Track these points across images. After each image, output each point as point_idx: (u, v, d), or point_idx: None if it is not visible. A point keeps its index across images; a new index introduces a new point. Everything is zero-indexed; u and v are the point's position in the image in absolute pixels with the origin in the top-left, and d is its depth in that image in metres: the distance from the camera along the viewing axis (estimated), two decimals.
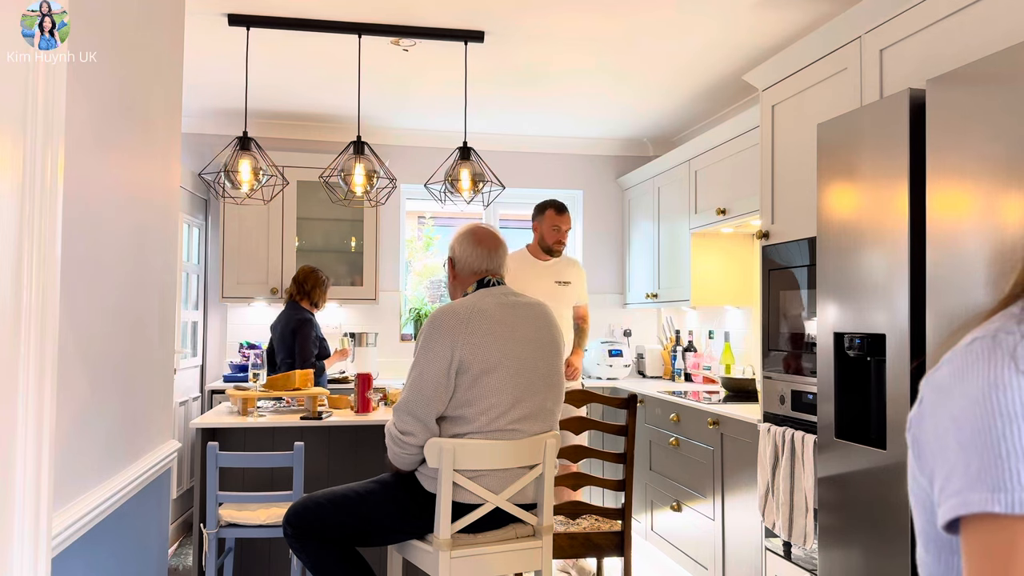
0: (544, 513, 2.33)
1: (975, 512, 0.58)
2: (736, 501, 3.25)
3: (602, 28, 3.41)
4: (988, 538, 0.57)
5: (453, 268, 2.47)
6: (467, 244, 2.43)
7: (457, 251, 2.45)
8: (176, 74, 2.34)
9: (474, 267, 2.42)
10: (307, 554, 2.30)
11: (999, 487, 0.57)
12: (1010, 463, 0.57)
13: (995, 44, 1.97)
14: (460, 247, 2.44)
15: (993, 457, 0.57)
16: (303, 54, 3.79)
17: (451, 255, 2.48)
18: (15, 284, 1.20)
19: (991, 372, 0.59)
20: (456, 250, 2.46)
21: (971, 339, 0.63)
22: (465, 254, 2.43)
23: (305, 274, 4.28)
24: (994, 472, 0.57)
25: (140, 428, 1.99)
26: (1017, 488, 0.56)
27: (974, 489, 0.58)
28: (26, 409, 1.21)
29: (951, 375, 0.62)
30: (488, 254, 2.42)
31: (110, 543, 1.73)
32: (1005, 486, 0.57)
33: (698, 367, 4.67)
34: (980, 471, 0.58)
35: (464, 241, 2.45)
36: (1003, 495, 0.57)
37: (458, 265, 2.45)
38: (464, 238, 2.45)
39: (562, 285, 3.89)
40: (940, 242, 1.96)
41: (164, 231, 2.21)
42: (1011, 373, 0.58)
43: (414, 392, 2.22)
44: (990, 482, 0.57)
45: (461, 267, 2.44)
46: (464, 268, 2.43)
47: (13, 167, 1.19)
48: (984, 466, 0.58)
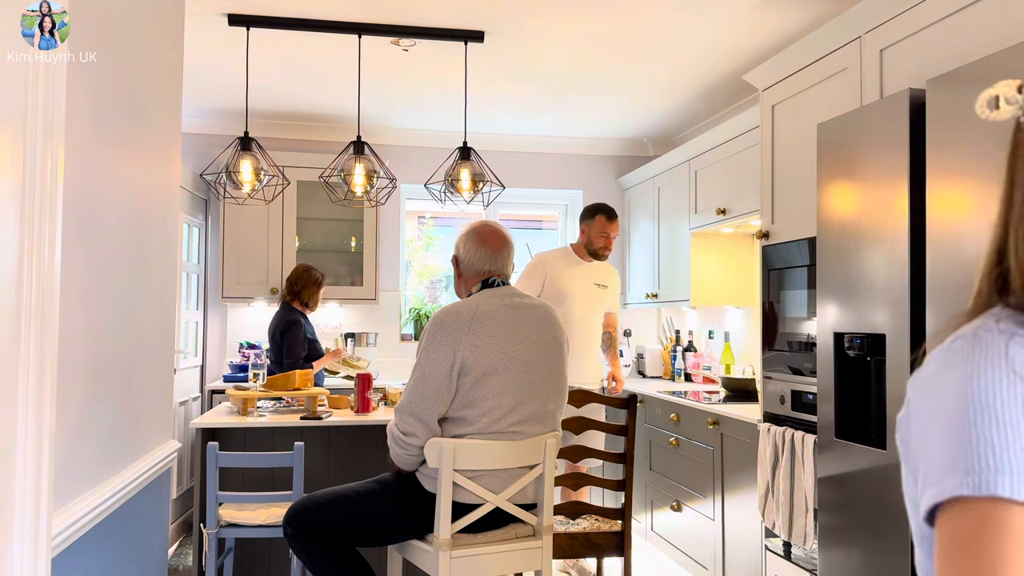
0: (544, 513, 2.33)
1: (948, 497, 0.59)
2: (736, 501, 3.25)
3: (602, 28, 3.41)
4: (957, 522, 0.58)
5: (458, 267, 2.46)
6: (471, 244, 2.42)
7: (462, 250, 2.44)
8: (176, 74, 2.34)
9: (478, 267, 2.41)
10: (307, 554, 2.30)
11: (969, 471, 0.58)
12: (979, 448, 0.58)
13: (995, 44, 1.97)
14: (465, 246, 2.43)
15: (965, 444, 0.59)
16: (303, 54, 3.79)
17: (456, 254, 2.46)
18: (15, 284, 1.20)
19: (969, 366, 0.61)
20: (461, 249, 2.44)
21: (953, 338, 0.65)
22: (469, 254, 2.41)
23: (297, 274, 4.27)
24: (965, 457, 0.59)
25: (140, 428, 1.99)
26: (984, 470, 0.57)
27: (948, 475, 0.60)
28: (26, 409, 1.21)
29: (934, 373, 0.64)
30: (492, 254, 2.41)
31: (110, 543, 1.73)
32: (974, 468, 0.58)
33: (698, 367, 4.67)
34: (954, 458, 0.59)
35: (469, 240, 2.43)
36: (971, 477, 0.58)
37: (462, 265, 2.44)
38: (469, 237, 2.44)
39: (600, 288, 3.93)
40: (940, 242, 1.96)
41: (164, 231, 2.21)
42: (987, 367, 0.60)
43: (416, 393, 2.22)
44: (962, 467, 0.59)
45: (466, 267, 2.43)
46: (468, 268, 2.42)
47: (13, 167, 1.19)
48: (957, 453, 0.59)
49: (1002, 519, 0.57)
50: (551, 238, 5.82)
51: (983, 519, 0.57)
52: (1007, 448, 0.58)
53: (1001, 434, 0.58)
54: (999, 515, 0.57)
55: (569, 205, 5.69)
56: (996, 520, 0.57)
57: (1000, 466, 0.57)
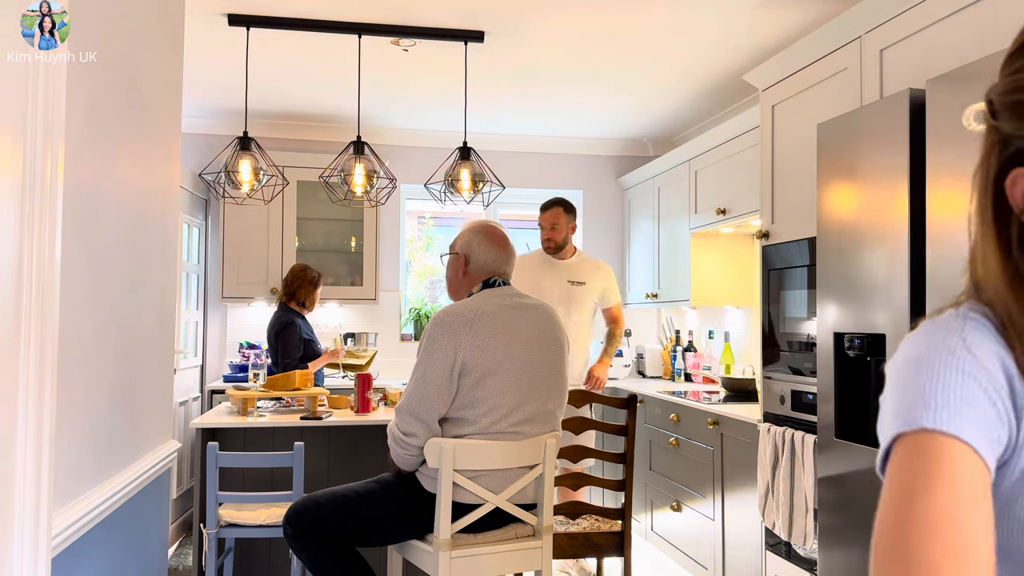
0: (544, 513, 2.33)
1: (889, 440, 0.66)
2: (736, 501, 3.25)
3: (602, 28, 3.41)
4: (897, 456, 0.64)
5: (466, 265, 2.42)
6: (484, 243, 2.41)
7: (474, 249, 2.41)
8: (176, 74, 2.34)
9: (490, 267, 2.40)
10: (307, 554, 2.30)
11: (905, 413, 0.65)
12: (916, 397, 0.65)
13: (995, 44, 1.97)
14: (478, 246, 2.41)
15: (912, 395, 0.66)
16: (303, 54, 3.79)
17: (465, 252, 2.42)
18: (15, 284, 1.20)
19: (929, 339, 0.69)
20: (473, 247, 2.41)
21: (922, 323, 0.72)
22: (483, 253, 2.40)
23: (293, 274, 4.26)
24: (905, 406, 0.66)
25: (140, 428, 1.99)
26: (914, 408, 0.65)
27: (892, 425, 0.66)
28: (26, 409, 1.21)
29: (901, 351, 0.71)
30: (503, 255, 2.42)
31: (110, 543, 1.73)
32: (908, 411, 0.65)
33: (698, 367, 4.67)
34: (896, 409, 0.66)
35: (480, 240, 2.41)
36: (904, 416, 0.65)
37: (472, 263, 2.41)
38: (479, 236, 2.42)
39: (576, 285, 3.83)
40: (940, 242, 1.96)
41: (164, 231, 2.21)
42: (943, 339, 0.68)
43: (417, 393, 2.21)
44: (902, 415, 0.66)
45: (476, 266, 2.41)
46: (479, 268, 2.41)
47: (13, 167, 1.19)
48: (900, 405, 0.66)
49: (931, 447, 0.63)
50: None
51: (915, 447, 0.63)
52: (936, 394, 0.64)
53: (934, 386, 0.65)
54: (928, 443, 0.63)
55: None
56: (926, 448, 0.63)
57: (928, 404, 0.64)
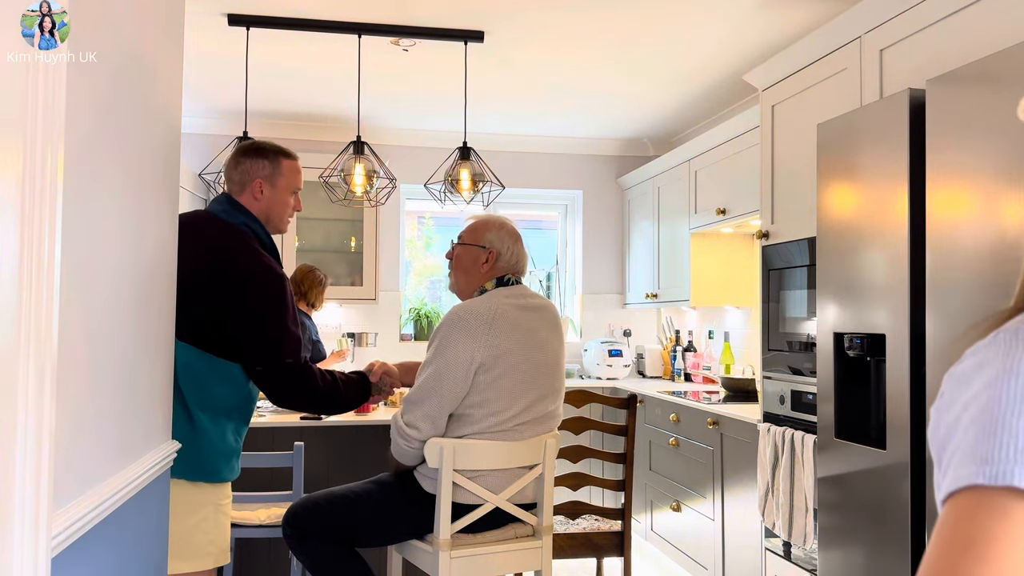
0: (544, 513, 2.33)
1: (963, 485, 0.57)
2: (736, 501, 3.25)
3: (602, 28, 3.41)
4: (963, 502, 0.56)
5: (495, 261, 2.39)
6: (509, 240, 2.40)
7: (506, 247, 2.39)
8: (176, 74, 2.33)
9: (512, 266, 2.41)
10: (307, 554, 2.30)
11: (989, 460, 0.56)
12: (1003, 439, 0.56)
13: (995, 44, 1.97)
14: (512, 244, 2.41)
15: (989, 434, 0.57)
16: (303, 54, 3.79)
17: (497, 248, 2.39)
18: (15, 284, 1.20)
19: (1007, 360, 0.59)
20: (505, 245, 2.40)
21: (995, 333, 0.63)
22: (513, 251, 2.40)
23: (303, 274, 4.26)
24: (987, 447, 0.57)
25: (141, 427, 1.99)
26: (1004, 460, 0.55)
27: (966, 464, 0.57)
28: (26, 409, 1.21)
29: (972, 366, 0.62)
30: (524, 256, 2.44)
31: (110, 543, 1.73)
32: (994, 458, 0.56)
33: (698, 367, 4.67)
34: (975, 447, 0.57)
35: (505, 236, 2.40)
36: (989, 467, 0.56)
37: (501, 261, 2.39)
38: (513, 237, 2.42)
39: None
40: (940, 242, 1.96)
41: (164, 231, 2.21)
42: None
43: (428, 388, 2.20)
44: (981, 456, 0.57)
45: (503, 264, 2.39)
46: (505, 265, 2.40)
47: (13, 167, 1.19)
48: (979, 442, 0.57)
49: (1009, 505, 0.54)
50: (551, 238, 5.83)
51: (990, 502, 0.55)
52: None
53: None
54: (1006, 502, 0.55)
55: (569, 205, 5.70)
56: (1003, 506, 0.55)
57: (1021, 457, 0.55)
